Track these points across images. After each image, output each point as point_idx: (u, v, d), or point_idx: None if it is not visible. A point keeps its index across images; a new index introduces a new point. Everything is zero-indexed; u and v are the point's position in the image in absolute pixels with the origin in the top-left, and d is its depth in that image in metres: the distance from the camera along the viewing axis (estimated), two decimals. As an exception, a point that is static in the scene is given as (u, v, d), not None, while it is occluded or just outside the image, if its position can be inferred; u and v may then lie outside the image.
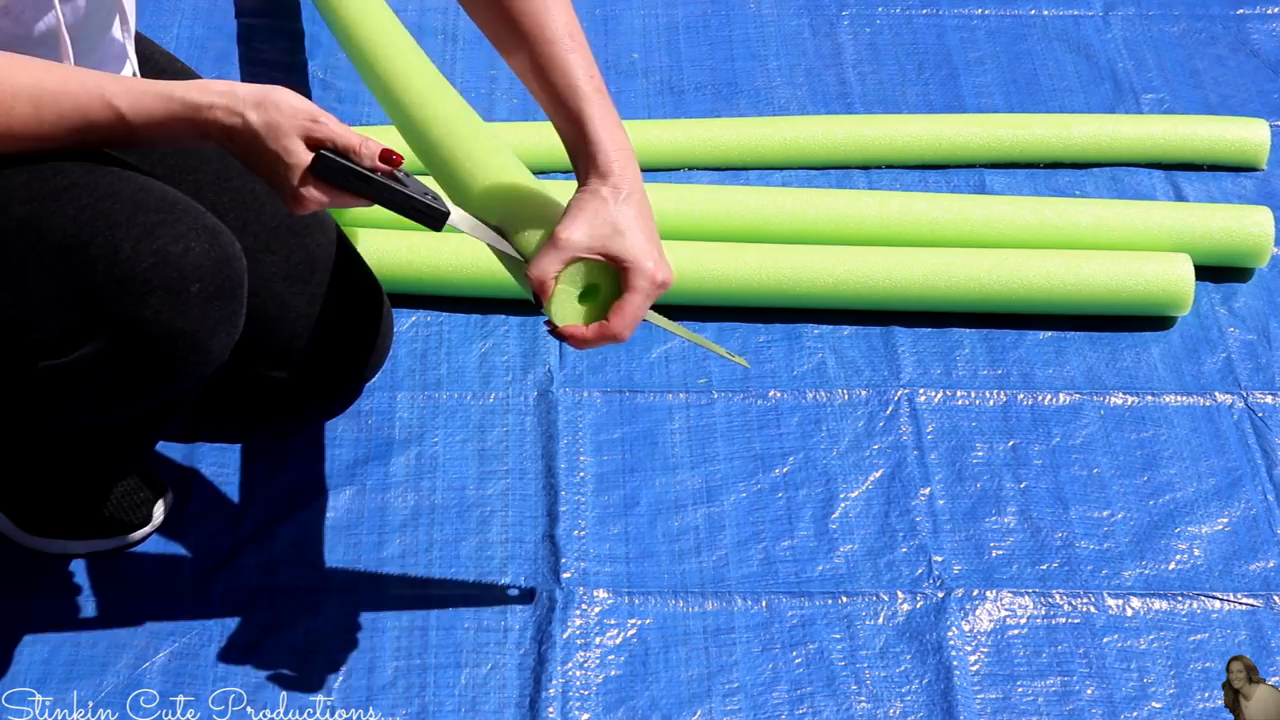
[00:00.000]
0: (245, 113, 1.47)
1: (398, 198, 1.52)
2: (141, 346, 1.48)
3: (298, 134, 1.48)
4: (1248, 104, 2.47)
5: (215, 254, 1.49)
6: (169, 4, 2.56)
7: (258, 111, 1.48)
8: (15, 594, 1.80)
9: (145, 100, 1.47)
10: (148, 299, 1.46)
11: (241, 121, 1.48)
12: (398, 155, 1.51)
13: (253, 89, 1.49)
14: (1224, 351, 2.09)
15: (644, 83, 2.49)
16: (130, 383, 1.52)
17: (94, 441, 1.70)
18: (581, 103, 1.55)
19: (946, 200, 2.20)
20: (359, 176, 1.50)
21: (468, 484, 1.92)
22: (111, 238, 1.46)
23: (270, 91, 1.49)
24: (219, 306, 1.50)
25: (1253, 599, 1.83)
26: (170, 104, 1.47)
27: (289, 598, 1.80)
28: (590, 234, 1.51)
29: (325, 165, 1.48)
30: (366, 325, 1.92)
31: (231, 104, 1.47)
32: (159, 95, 1.47)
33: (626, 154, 1.55)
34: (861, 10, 2.62)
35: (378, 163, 1.50)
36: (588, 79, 1.56)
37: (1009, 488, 1.94)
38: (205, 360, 1.53)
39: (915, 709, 1.72)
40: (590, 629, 1.78)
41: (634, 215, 1.52)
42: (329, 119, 1.49)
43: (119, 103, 1.47)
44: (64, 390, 1.53)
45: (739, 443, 1.97)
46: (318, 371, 1.91)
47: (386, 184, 1.51)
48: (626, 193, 1.53)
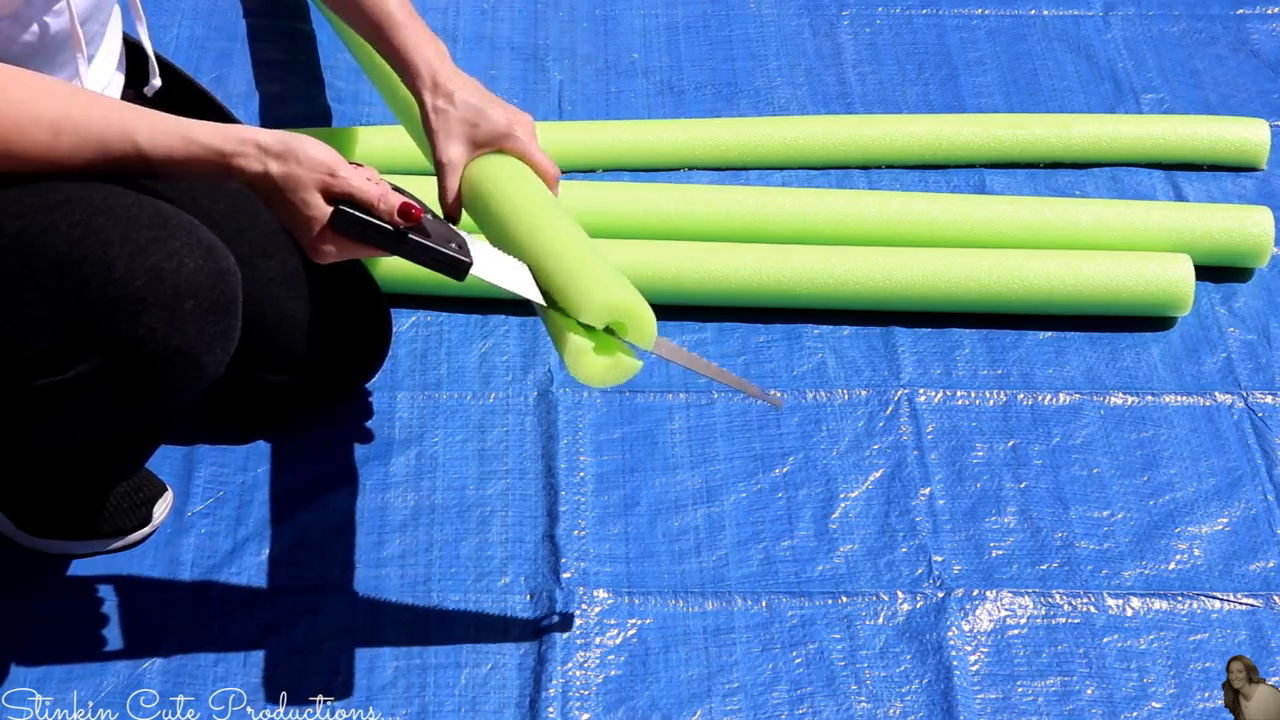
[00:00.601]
0: (267, 163, 1.48)
1: (418, 250, 1.52)
2: (136, 364, 1.47)
3: (316, 187, 1.49)
4: (1248, 104, 2.47)
5: (209, 269, 1.48)
6: (169, 4, 2.56)
7: (278, 162, 1.48)
8: (15, 594, 1.79)
9: (166, 139, 1.47)
10: (142, 317, 1.45)
11: (264, 170, 1.48)
12: (417, 209, 1.51)
13: (276, 138, 1.49)
14: (1224, 351, 2.09)
15: (644, 83, 2.49)
16: (126, 400, 1.51)
17: (93, 452, 1.69)
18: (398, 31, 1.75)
19: (946, 200, 2.20)
20: (378, 230, 1.50)
21: (468, 484, 1.92)
22: (104, 255, 1.45)
23: (292, 142, 1.49)
24: (214, 322, 1.49)
25: (1253, 599, 1.83)
26: (192, 147, 1.47)
27: (289, 598, 1.80)
28: (461, 141, 1.71)
29: (344, 220, 1.49)
30: (365, 327, 1.92)
31: (255, 153, 1.48)
32: (182, 137, 1.47)
33: (443, 59, 1.74)
34: (861, 10, 2.62)
35: (396, 218, 1.50)
36: (399, 6, 1.76)
37: (1009, 488, 1.94)
38: (200, 376, 1.52)
39: (915, 709, 1.72)
40: (590, 629, 1.78)
41: (474, 103, 1.71)
42: (349, 171, 1.50)
43: (140, 139, 1.47)
44: (59, 407, 1.51)
45: (739, 443, 1.97)
46: (317, 374, 1.92)
47: (407, 237, 1.51)
48: (455, 89, 1.71)
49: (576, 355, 1.53)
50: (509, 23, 2.59)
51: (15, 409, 1.52)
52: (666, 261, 2.08)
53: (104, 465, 1.73)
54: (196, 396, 1.57)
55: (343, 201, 1.49)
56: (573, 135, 2.32)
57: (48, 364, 1.48)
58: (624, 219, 2.16)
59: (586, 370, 1.54)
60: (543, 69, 2.50)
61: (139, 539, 1.84)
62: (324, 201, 1.49)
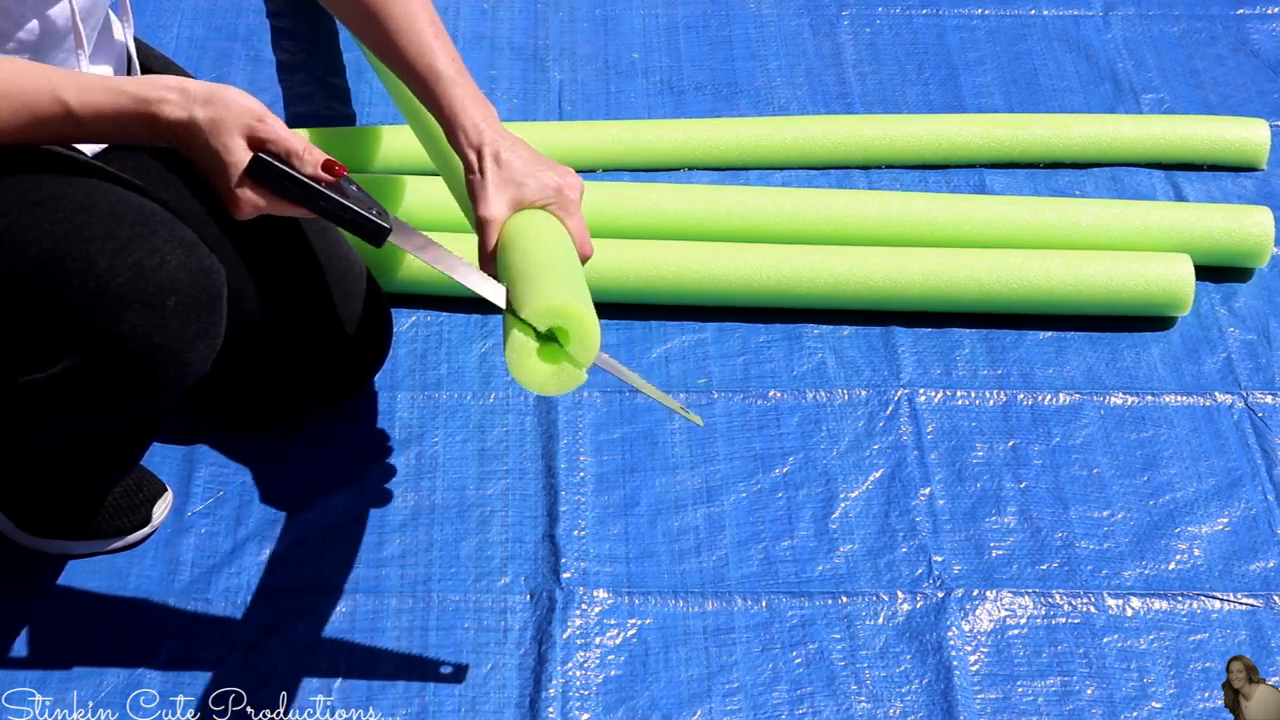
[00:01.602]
0: (193, 108, 1.46)
1: (336, 208, 1.49)
2: (120, 361, 1.47)
3: (241, 132, 1.46)
4: (1248, 104, 2.47)
5: (192, 266, 1.48)
6: (169, 4, 2.56)
7: (205, 108, 1.46)
8: (15, 594, 1.79)
9: (94, 95, 1.45)
10: (124, 314, 1.45)
11: (188, 116, 1.46)
12: (340, 166, 1.49)
13: (204, 85, 1.47)
14: (1224, 351, 2.09)
15: (644, 83, 2.49)
16: (110, 396, 1.51)
17: (85, 448, 1.69)
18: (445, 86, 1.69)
19: (946, 200, 2.20)
20: (296, 183, 1.47)
21: (468, 484, 1.92)
22: (87, 252, 1.44)
23: (220, 89, 1.47)
24: (197, 319, 1.49)
25: (1253, 599, 1.83)
26: (119, 98, 1.45)
27: (289, 598, 1.80)
28: (505, 201, 1.65)
29: (263, 168, 1.46)
30: (366, 326, 1.92)
31: (181, 99, 1.46)
32: (108, 89, 1.45)
33: (491, 120, 1.69)
34: (861, 10, 2.62)
35: (320, 171, 1.48)
36: (449, 62, 1.70)
37: (1009, 488, 1.94)
38: (185, 373, 1.51)
39: (915, 709, 1.72)
40: (590, 629, 1.78)
41: (523, 165, 1.66)
42: (276, 121, 1.47)
43: (67, 96, 1.44)
44: (44, 404, 1.51)
45: (739, 443, 1.97)
46: (317, 372, 1.92)
47: (325, 193, 1.48)
48: (503, 149, 1.66)
49: (518, 352, 1.51)
50: (509, 23, 2.59)
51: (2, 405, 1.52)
52: (666, 261, 2.08)
53: (95, 463, 1.72)
54: (183, 393, 1.57)
55: (265, 151, 1.47)
56: (573, 135, 2.32)
57: (32, 360, 1.48)
58: (624, 219, 2.16)
59: (526, 371, 1.51)
60: (543, 69, 2.50)
61: (138, 539, 1.84)
62: (247, 147, 1.47)
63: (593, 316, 1.52)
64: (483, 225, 1.65)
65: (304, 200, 1.48)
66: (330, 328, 1.87)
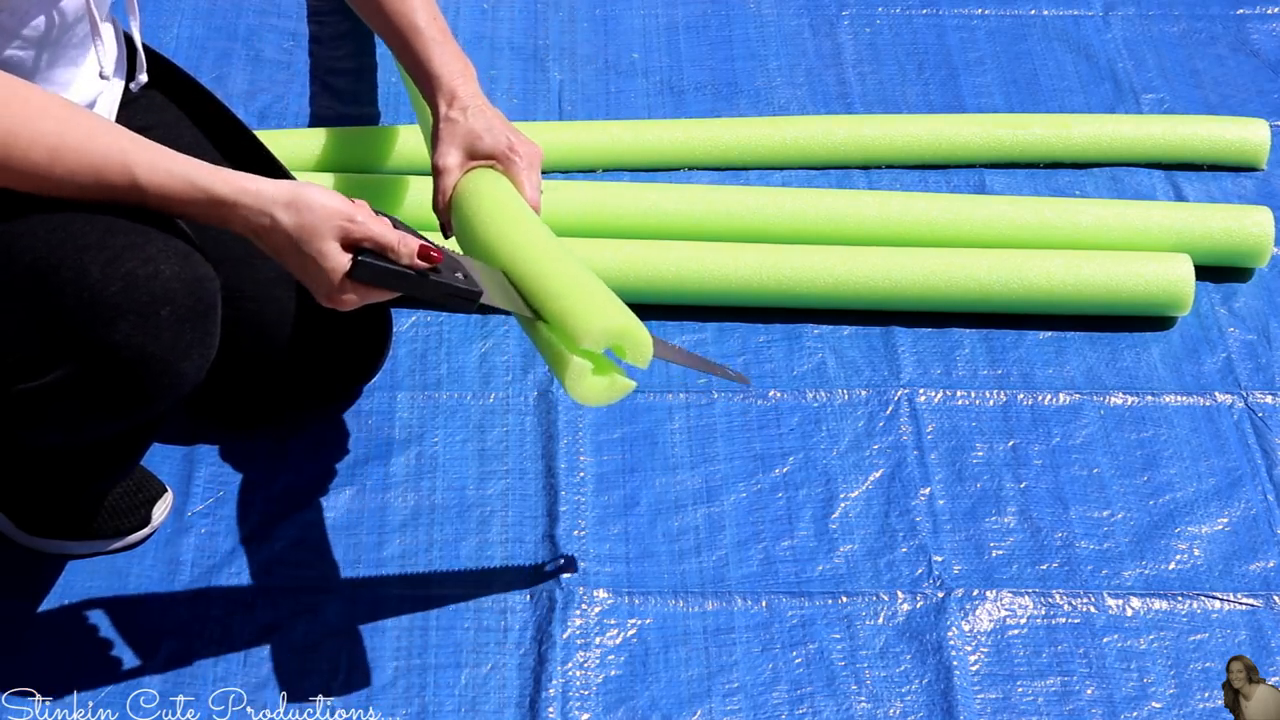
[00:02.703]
0: (274, 213, 1.46)
1: (434, 288, 1.50)
2: (113, 370, 1.46)
3: (334, 236, 1.46)
4: (1248, 104, 2.47)
5: (186, 276, 1.47)
6: (169, 4, 2.56)
7: (288, 212, 1.45)
8: (15, 594, 1.79)
9: (165, 179, 1.44)
10: (117, 323, 1.44)
11: (270, 222, 1.46)
12: (437, 252, 1.50)
13: (281, 187, 1.46)
14: (1224, 351, 2.09)
15: (644, 83, 2.49)
16: (104, 405, 1.51)
17: (82, 453, 1.69)
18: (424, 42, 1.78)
19: (946, 200, 2.20)
20: (398, 276, 1.48)
21: (468, 484, 1.92)
22: (80, 261, 1.43)
23: (300, 190, 1.46)
24: (191, 328, 1.48)
25: (1253, 599, 1.83)
26: (191, 190, 1.45)
27: (289, 598, 1.80)
28: (460, 151, 1.73)
29: (366, 270, 1.46)
30: (366, 326, 1.92)
31: (258, 203, 1.45)
32: (182, 178, 1.44)
33: (465, 78, 1.77)
34: (861, 10, 2.62)
35: (416, 261, 1.49)
36: (429, 20, 1.79)
37: (1009, 488, 1.94)
38: (179, 382, 1.51)
39: (915, 709, 1.72)
40: (590, 629, 1.78)
41: (484, 120, 1.74)
42: (365, 215, 1.47)
43: (139, 174, 1.44)
44: (38, 411, 1.51)
45: (739, 443, 1.97)
46: (317, 374, 1.92)
47: (425, 280, 1.49)
48: (473, 107, 1.75)
49: (578, 377, 1.54)
50: (509, 23, 2.59)
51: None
52: (666, 261, 2.08)
53: (93, 467, 1.72)
54: (178, 401, 1.56)
55: (362, 249, 1.47)
56: (573, 135, 2.32)
57: (26, 368, 1.47)
58: (624, 219, 2.16)
59: (586, 391, 1.55)
60: (543, 69, 2.50)
61: (138, 540, 1.84)
62: (342, 250, 1.47)
63: (640, 325, 1.56)
64: (437, 173, 1.74)
65: (405, 288, 1.50)
66: (330, 328, 1.87)
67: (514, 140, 1.75)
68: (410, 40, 1.78)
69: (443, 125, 1.75)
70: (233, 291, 1.78)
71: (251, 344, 1.83)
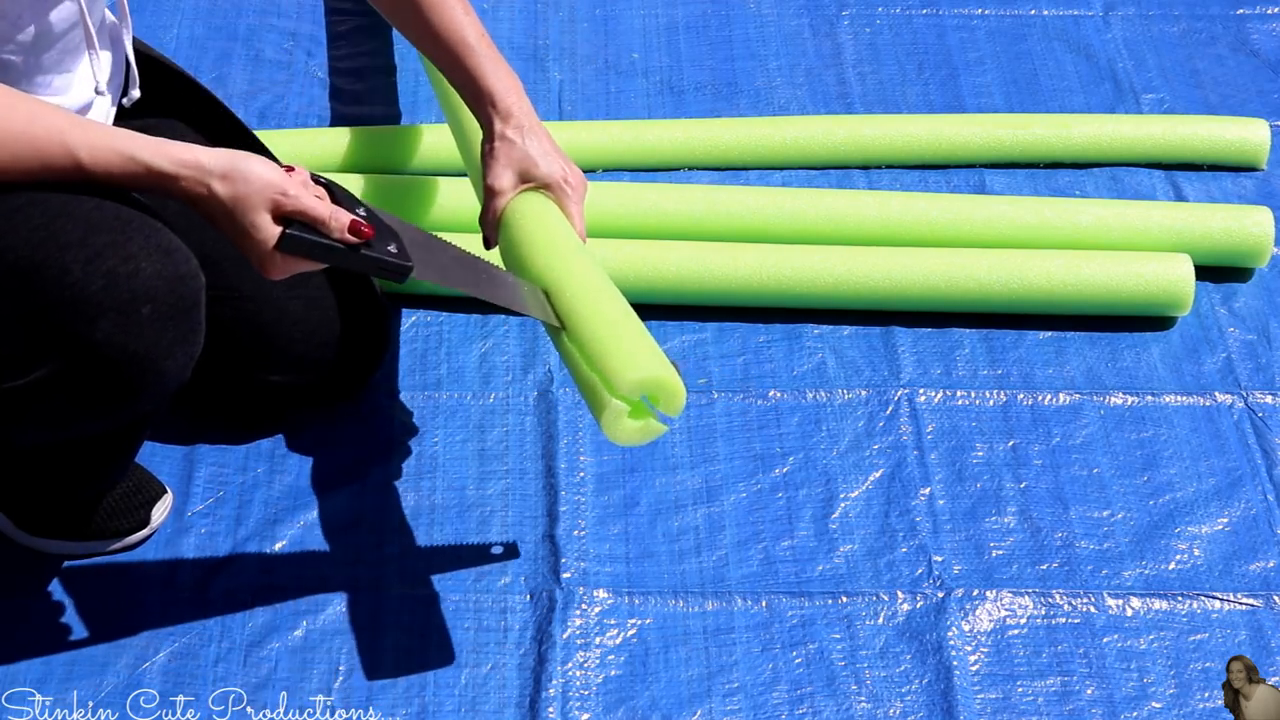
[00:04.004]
0: (210, 183, 1.47)
1: (364, 262, 1.52)
2: (95, 368, 1.47)
3: (266, 207, 1.48)
4: (1248, 104, 2.47)
5: (167, 273, 1.47)
6: (169, 4, 2.56)
7: (224, 184, 1.47)
8: (15, 594, 1.79)
9: (106, 156, 1.45)
10: (98, 321, 1.44)
11: (207, 191, 1.47)
12: (367, 228, 1.51)
13: (220, 156, 1.47)
14: (1224, 351, 2.09)
15: (644, 83, 2.49)
16: (89, 403, 1.51)
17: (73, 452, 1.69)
18: (477, 59, 1.77)
19: (946, 200, 2.20)
20: (326, 249, 1.50)
21: (468, 484, 1.92)
22: (61, 259, 1.44)
23: (237, 160, 1.47)
24: (173, 326, 1.48)
25: (1253, 599, 1.83)
26: (132, 165, 1.46)
27: (289, 598, 1.80)
28: (514, 174, 1.74)
29: (293, 243, 1.48)
30: (365, 327, 1.92)
31: (197, 174, 1.47)
32: (121, 154, 1.46)
33: (518, 95, 1.77)
34: (861, 10, 2.62)
35: (346, 235, 1.50)
36: (479, 37, 1.78)
37: (1009, 488, 1.94)
38: (161, 380, 1.51)
39: (915, 709, 1.72)
40: (590, 629, 1.78)
41: (540, 145, 1.75)
42: (298, 189, 1.48)
43: (80, 154, 1.45)
44: (24, 409, 1.51)
45: (739, 443, 1.97)
46: (316, 374, 1.92)
47: (355, 253, 1.51)
48: (527, 127, 1.76)
49: (614, 420, 1.55)
50: (509, 23, 2.59)
51: None
52: (666, 261, 2.08)
53: (85, 466, 1.72)
54: (163, 400, 1.56)
55: (292, 220, 1.49)
56: (573, 135, 2.32)
57: (8, 367, 1.48)
58: (624, 219, 2.16)
59: (620, 433, 1.56)
60: (543, 69, 2.50)
61: (137, 541, 1.84)
62: (273, 222, 1.48)
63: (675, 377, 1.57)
64: (489, 193, 1.75)
65: (334, 261, 1.52)
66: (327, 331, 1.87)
67: (567, 170, 1.76)
68: (462, 57, 1.78)
69: (497, 144, 1.76)
70: (230, 291, 1.78)
71: (250, 343, 1.83)
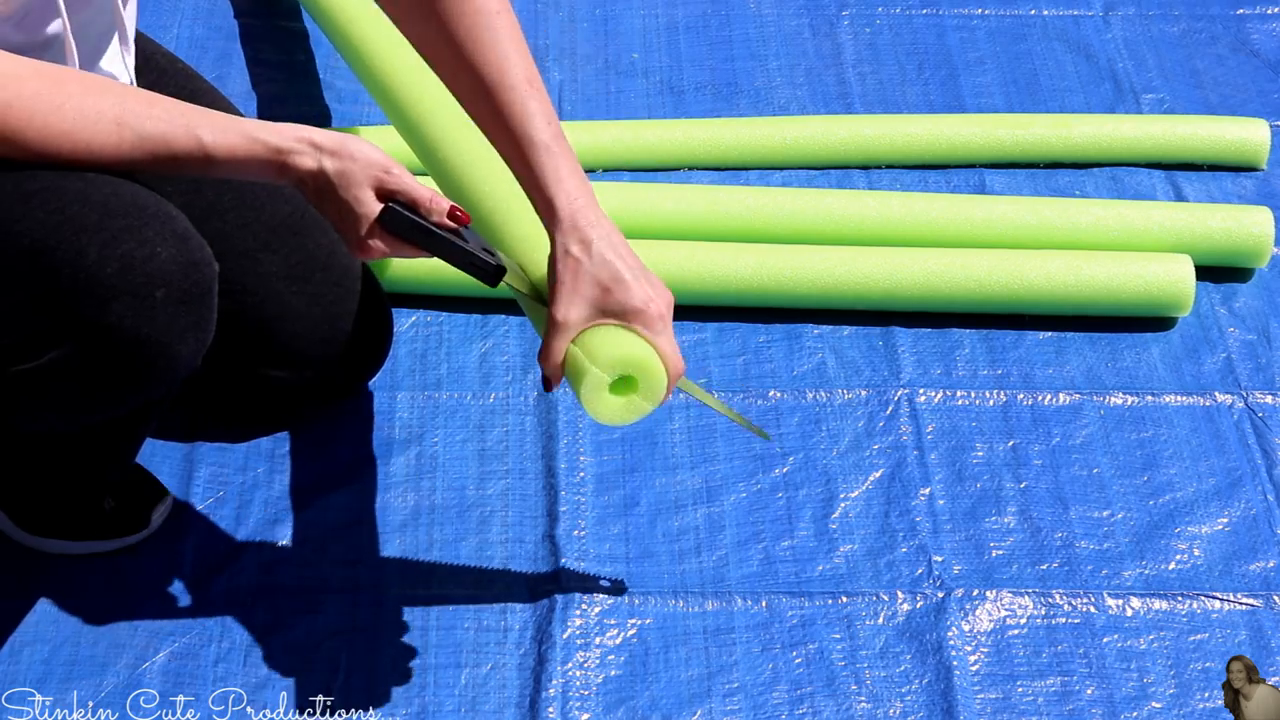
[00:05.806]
0: (322, 159, 1.51)
1: (458, 253, 1.55)
2: (108, 352, 1.48)
3: (370, 184, 1.51)
4: (1248, 104, 2.47)
5: (182, 259, 1.49)
6: (169, 4, 2.56)
7: (333, 160, 1.51)
8: (15, 594, 1.79)
9: (229, 137, 1.49)
10: (112, 305, 1.46)
11: (318, 167, 1.51)
12: (464, 213, 1.54)
13: (331, 136, 1.52)
14: (1224, 351, 2.09)
15: (644, 83, 2.49)
16: (100, 388, 1.52)
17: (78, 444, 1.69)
18: (539, 154, 1.58)
19: (946, 200, 2.20)
20: (424, 231, 1.53)
21: (468, 484, 1.92)
22: (77, 243, 1.45)
23: (347, 140, 1.52)
24: (186, 312, 1.50)
25: (1253, 599, 1.83)
26: (254, 145, 1.50)
27: (289, 598, 1.80)
28: (586, 304, 1.54)
29: (393, 218, 1.52)
30: (366, 325, 1.92)
31: (312, 150, 1.51)
32: (243, 134, 1.50)
33: (586, 197, 1.56)
34: (861, 10, 2.62)
35: (445, 219, 1.53)
36: (545, 126, 1.58)
37: (1009, 488, 1.94)
38: (174, 366, 1.52)
39: (915, 709, 1.72)
40: (590, 629, 1.78)
41: (613, 262, 1.53)
42: (402, 170, 1.52)
43: (203, 134, 1.49)
44: (35, 394, 1.52)
45: (739, 443, 1.97)
46: (318, 371, 1.92)
47: (449, 239, 1.54)
48: (595, 238, 1.54)
49: (595, 389, 1.54)
50: (509, 23, 2.58)
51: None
52: (666, 261, 2.08)
53: (90, 459, 1.73)
54: (173, 387, 1.57)
55: (393, 199, 1.52)
56: (573, 135, 2.31)
57: (22, 350, 1.49)
58: (623, 219, 2.15)
59: (601, 405, 1.55)
60: (542, 69, 2.50)
61: (137, 542, 1.84)
62: (375, 199, 1.52)
63: (658, 364, 1.55)
64: (554, 326, 1.54)
65: (429, 246, 1.54)
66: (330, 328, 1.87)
67: (650, 291, 1.55)
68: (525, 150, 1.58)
69: (563, 264, 1.54)
70: (234, 285, 1.78)
71: (252, 337, 1.83)
